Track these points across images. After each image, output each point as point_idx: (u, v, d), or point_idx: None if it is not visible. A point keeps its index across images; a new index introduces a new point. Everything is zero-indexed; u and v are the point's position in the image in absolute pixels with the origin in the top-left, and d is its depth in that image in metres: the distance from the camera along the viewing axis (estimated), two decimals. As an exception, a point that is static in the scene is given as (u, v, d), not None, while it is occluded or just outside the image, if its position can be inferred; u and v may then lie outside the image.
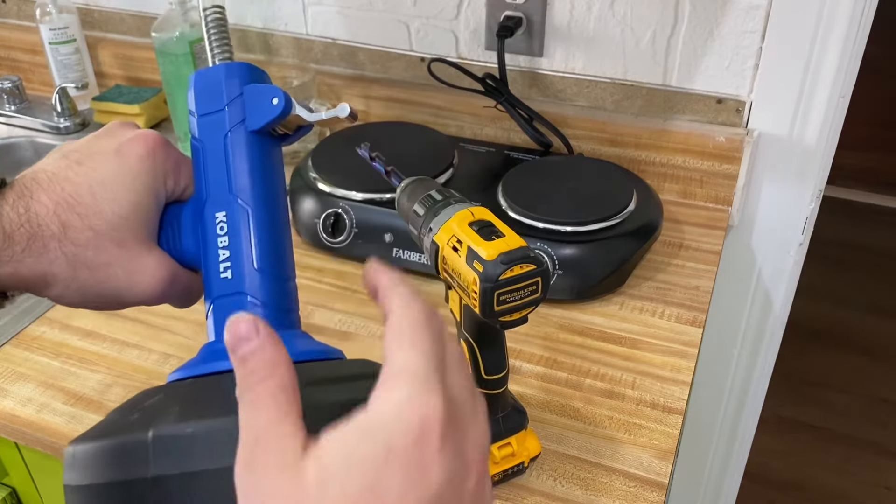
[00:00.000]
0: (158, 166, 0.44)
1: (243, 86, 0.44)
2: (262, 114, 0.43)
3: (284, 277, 0.43)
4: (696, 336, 0.81)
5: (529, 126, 1.02)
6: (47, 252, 0.41)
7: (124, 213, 0.42)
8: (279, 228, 0.44)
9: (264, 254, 0.42)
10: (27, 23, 1.34)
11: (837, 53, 0.89)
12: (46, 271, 0.41)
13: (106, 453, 0.33)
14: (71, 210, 0.41)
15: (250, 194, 0.43)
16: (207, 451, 0.31)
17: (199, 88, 0.44)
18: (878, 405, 2.03)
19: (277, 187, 0.44)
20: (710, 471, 1.29)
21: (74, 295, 0.43)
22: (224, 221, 0.42)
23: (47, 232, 0.41)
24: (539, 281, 0.55)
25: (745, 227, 1.03)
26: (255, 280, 0.42)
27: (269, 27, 1.18)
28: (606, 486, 0.66)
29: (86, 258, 0.42)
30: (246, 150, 0.43)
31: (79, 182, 0.42)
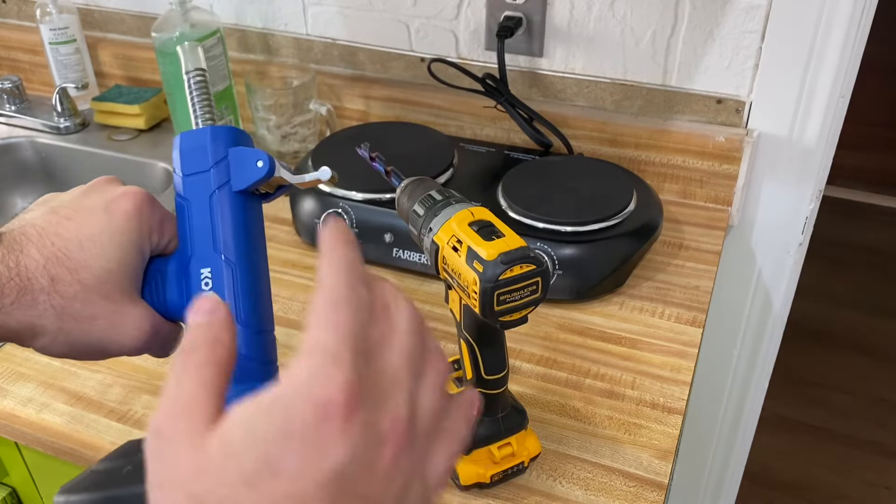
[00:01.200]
0: (144, 223, 0.46)
1: (228, 148, 0.46)
2: (247, 175, 0.45)
3: (266, 330, 0.45)
4: (696, 336, 0.81)
5: (529, 126, 1.02)
6: (36, 305, 0.42)
7: (112, 267, 0.44)
8: (261, 284, 0.46)
9: (247, 308, 0.44)
10: (27, 23, 1.34)
11: (837, 53, 0.89)
12: (35, 323, 0.43)
13: None
14: (60, 264, 0.43)
15: (235, 252, 0.45)
16: None
17: (185, 149, 0.47)
18: (878, 405, 2.03)
19: (259, 244, 0.47)
20: (710, 471, 1.29)
21: (61, 346, 0.44)
22: (209, 277, 0.44)
23: (37, 285, 0.42)
24: (539, 281, 0.55)
25: (744, 227, 1.03)
26: (241, 334, 0.43)
27: (269, 27, 1.18)
28: (606, 486, 0.66)
29: (73, 310, 0.43)
30: (230, 209, 0.45)
31: (68, 237, 0.44)
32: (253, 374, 0.43)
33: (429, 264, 0.60)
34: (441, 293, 0.86)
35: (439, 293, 0.87)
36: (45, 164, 1.23)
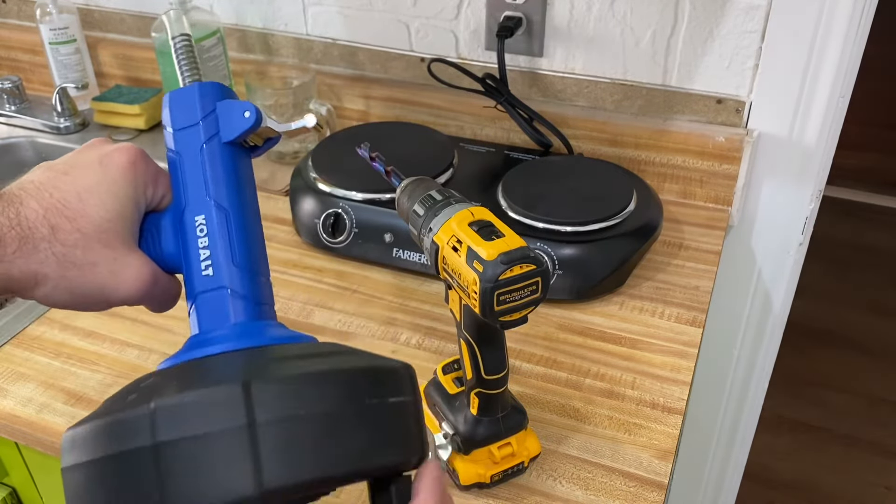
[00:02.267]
0: (139, 176, 0.47)
1: (216, 102, 0.48)
2: (235, 126, 0.47)
3: (261, 273, 0.47)
4: (696, 336, 0.81)
5: (529, 126, 1.02)
6: (37, 252, 0.43)
7: (110, 216, 0.45)
8: (254, 229, 0.48)
9: (243, 251, 0.46)
10: (27, 23, 1.34)
11: (837, 53, 0.89)
12: (37, 271, 0.43)
13: (106, 429, 0.35)
14: (59, 214, 0.44)
15: (227, 198, 0.47)
16: (207, 415, 0.34)
17: (175, 105, 0.49)
18: (878, 405, 2.03)
19: (250, 193, 0.49)
20: (710, 471, 1.29)
21: (62, 294, 0.45)
22: (204, 224, 0.46)
23: (37, 234, 0.43)
24: (539, 281, 0.55)
25: (744, 227, 1.03)
26: (235, 275, 0.45)
27: (269, 27, 1.18)
28: (606, 486, 0.66)
29: (74, 257, 0.44)
30: (220, 158, 0.47)
31: (66, 189, 0.45)
32: (248, 314, 0.45)
33: (429, 264, 0.60)
34: (441, 293, 0.86)
35: (439, 293, 0.87)
36: (45, 164, 1.23)
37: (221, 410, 0.34)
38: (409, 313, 0.84)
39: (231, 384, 0.34)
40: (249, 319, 0.45)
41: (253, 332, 0.44)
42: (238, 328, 0.44)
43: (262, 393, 0.34)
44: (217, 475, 0.33)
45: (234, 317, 0.44)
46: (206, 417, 0.34)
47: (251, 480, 0.33)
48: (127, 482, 0.34)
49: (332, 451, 0.35)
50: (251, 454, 0.33)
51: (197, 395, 0.35)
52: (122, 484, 0.34)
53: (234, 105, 0.48)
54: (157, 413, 0.34)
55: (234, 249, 0.46)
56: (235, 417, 0.34)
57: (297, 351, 0.41)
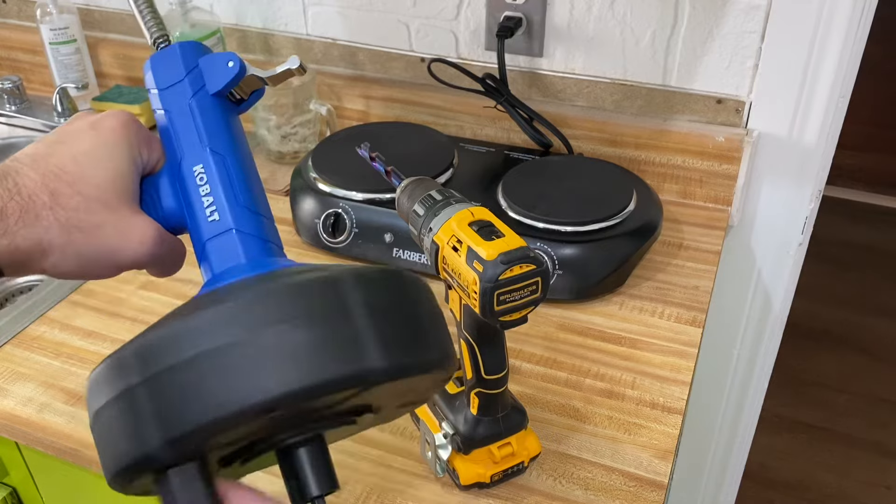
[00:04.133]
0: (132, 137, 0.47)
1: (197, 59, 0.49)
2: (221, 76, 0.48)
3: (265, 214, 0.47)
4: (696, 336, 0.81)
5: (529, 126, 1.02)
6: (40, 220, 0.43)
7: (108, 176, 0.45)
8: (252, 171, 0.48)
9: (244, 192, 0.46)
10: (27, 23, 1.34)
11: (837, 53, 0.89)
12: (42, 238, 0.43)
13: (100, 378, 0.36)
14: (58, 179, 0.44)
15: (221, 144, 0.47)
16: (186, 343, 0.34)
17: (157, 67, 0.49)
18: (878, 405, 2.03)
19: (244, 141, 0.49)
20: (710, 471, 1.29)
21: (71, 260, 0.44)
22: (203, 172, 0.46)
23: (38, 201, 0.43)
24: (539, 281, 0.55)
25: (744, 227, 1.03)
26: (241, 215, 0.46)
27: (269, 27, 1.18)
28: (606, 486, 0.66)
29: (78, 221, 0.44)
30: (210, 109, 0.48)
31: (62, 155, 0.45)
32: (259, 250, 0.45)
33: (429, 264, 0.60)
34: (441, 293, 0.86)
35: (439, 293, 0.87)
36: (45, 164, 1.23)
37: (200, 335, 0.34)
38: (409, 313, 0.84)
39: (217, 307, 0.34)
40: (261, 255, 0.45)
41: (267, 264, 0.45)
42: (252, 262, 0.44)
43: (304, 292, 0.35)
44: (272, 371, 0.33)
45: (246, 254, 0.45)
46: (184, 346, 0.34)
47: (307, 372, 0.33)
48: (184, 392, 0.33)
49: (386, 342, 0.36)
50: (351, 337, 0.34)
51: (175, 326, 0.35)
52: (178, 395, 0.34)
53: (217, 57, 0.49)
54: (137, 352, 0.34)
55: (235, 191, 0.46)
56: (325, 306, 0.34)
57: (315, 267, 0.40)
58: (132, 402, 0.34)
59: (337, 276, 0.36)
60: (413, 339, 0.37)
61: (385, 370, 0.34)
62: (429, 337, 0.38)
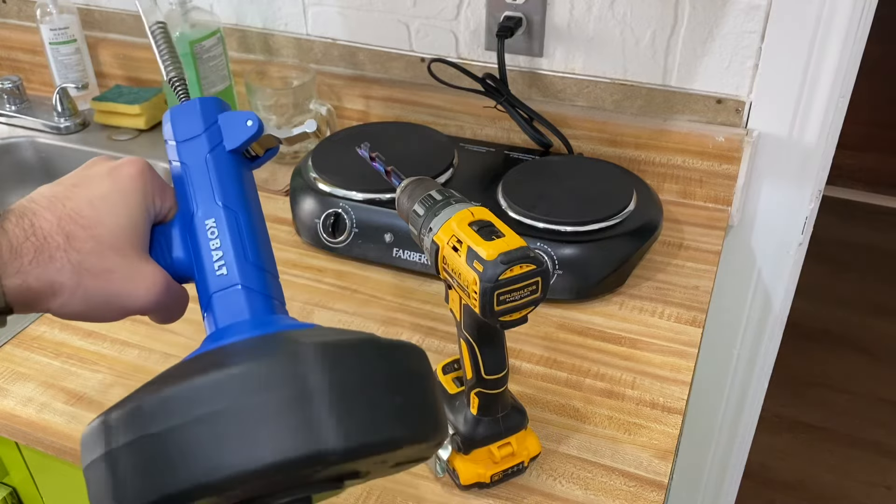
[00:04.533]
0: (148, 186, 0.48)
1: (216, 115, 0.51)
2: (239, 134, 0.50)
3: (268, 270, 0.48)
4: (696, 336, 0.81)
5: (529, 126, 1.02)
6: (53, 262, 0.43)
7: (122, 223, 0.46)
8: (262, 229, 0.49)
9: (253, 248, 0.48)
10: (27, 23, 1.34)
11: (837, 53, 0.89)
12: (53, 280, 0.43)
13: (88, 437, 0.37)
14: (73, 222, 0.45)
15: (235, 200, 0.48)
16: (254, 386, 0.35)
17: (177, 120, 0.51)
18: (878, 405, 2.03)
19: (256, 198, 0.51)
20: (710, 471, 1.29)
21: (79, 302, 0.45)
22: (214, 227, 0.47)
23: (52, 243, 0.44)
24: (539, 281, 0.55)
25: (744, 227, 1.03)
26: (248, 271, 0.47)
27: (269, 27, 1.18)
28: (606, 486, 0.66)
29: (90, 265, 0.44)
30: (225, 165, 0.49)
31: (78, 199, 0.46)
32: (263, 308, 0.46)
33: (429, 264, 0.60)
34: (441, 293, 0.86)
35: (439, 293, 0.87)
36: (45, 164, 1.23)
37: (278, 377, 0.35)
38: (409, 313, 0.84)
39: (282, 354, 0.36)
40: (264, 313, 0.46)
41: (270, 322, 0.45)
42: (256, 320, 0.45)
43: (314, 358, 0.36)
44: (267, 439, 0.34)
45: (251, 311, 0.45)
46: (258, 385, 0.34)
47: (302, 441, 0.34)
48: (177, 455, 0.34)
49: (378, 414, 0.36)
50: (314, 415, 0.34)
51: (235, 369, 0.35)
52: (173, 457, 0.34)
53: (236, 115, 0.50)
54: (199, 388, 0.35)
55: (245, 248, 0.47)
56: (294, 382, 0.35)
57: (317, 332, 0.41)
58: (114, 464, 0.36)
59: (303, 354, 0.36)
60: (383, 416, 0.36)
61: (344, 451, 0.34)
62: (404, 412, 0.38)
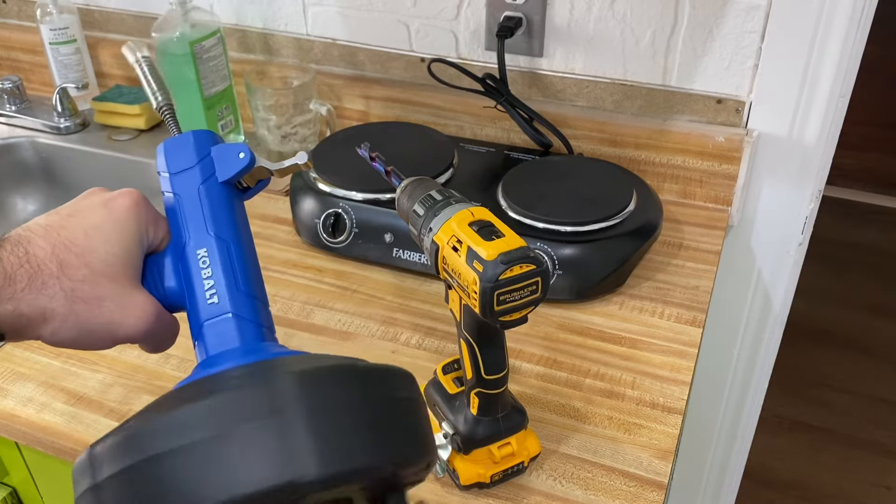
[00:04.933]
0: (142, 216, 0.49)
1: (208, 147, 0.52)
2: (231, 166, 0.51)
3: (259, 298, 0.49)
4: (696, 336, 0.81)
5: (529, 126, 1.02)
6: (46, 288, 0.44)
7: (116, 251, 0.47)
8: (252, 258, 0.50)
9: (245, 277, 0.48)
10: (27, 23, 1.34)
11: (837, 53, 0.89)
12: (46, 307, 0.44)
13: (77, 470, 0.37)
14: (67, 251, 0.45)
15: (226, 230, 0.49)
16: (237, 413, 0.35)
17: (170, 152, 0.52)
18: (878, 405, 2.03)
19: (246, 228, 0.51)
20: (710, 471, 1.29)
21: (70, 330, 0.45)
22: (206, 256, 0.48)
23: (46, 271, 0.44)
24: (539, 281, 0.55)
25: (744, 227, 1.03)
26: (240, 300, 0.47)
27: (269, 27, 1.18)
28: (606, 486, 0.66)
29: (82, 293, 0.45)
30: (217, 196, 0.50)
31: (73, 228, 0.47)
32: (254, 336, 0.47)
33: (429, 264, 0.60)
34: (441, 293, 0.86)
35: (439, 293, 0.87)
36: (45, 164, 1.23)
37: (257, 407, 0.35)
38: (409, 313, 0.84)
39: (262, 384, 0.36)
40: (255, 341, 0.46)
41: (260, 349, 0.46)
42: (246, 347, 0.46)
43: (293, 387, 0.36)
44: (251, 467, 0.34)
45: (241, 339, 0.46)
46: (236, 415, 0.35)
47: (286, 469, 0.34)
48: (158, 486, 0.34)
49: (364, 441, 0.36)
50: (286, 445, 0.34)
51: (224, 396, 0.36)
52: (154, 489, 0.34)
53: (228, 148, 0.51)
54: (188, 416, 0.35)
55: (236, 276, 0.48)
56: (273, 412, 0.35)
57: (305, 358, 0.41)
58: (99, 496, 0.36)
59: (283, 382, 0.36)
60: (361, 443, 0.36)
61: (321, 479, 0.35)
62: (385, 438, 0.38)
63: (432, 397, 0.68)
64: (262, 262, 0.91)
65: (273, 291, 0.87)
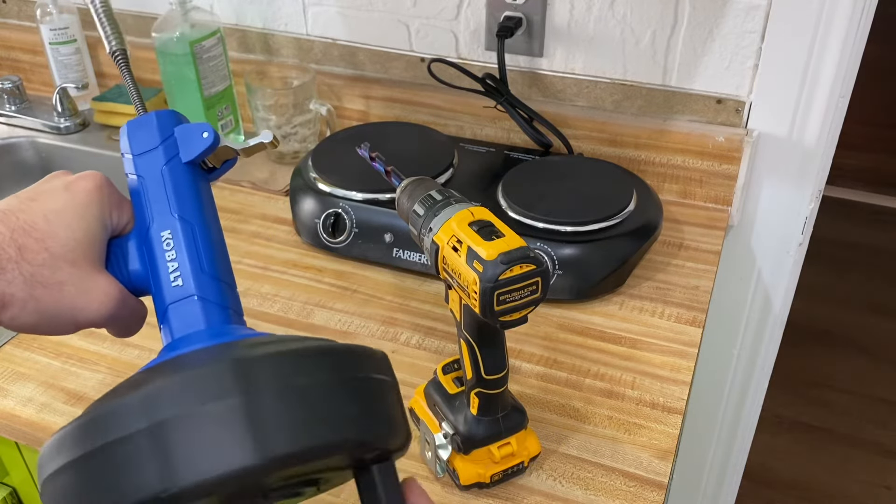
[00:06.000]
0: (105, 200, 0.48)
1: (172, 128, 0.51)
2: (195, 146, 0.50)
3: (225, 281, 0.48)
4: (696, 336, 0.81)
5: (529, 126, 1.02)
6: (4, 273, 0.43)
7: (77, 236, 0.46)
8: (218, 240, 0.49)
9: (209, 259, 0.47)
10: (27, 23, 1.34)
11: (837, 53, 0.89)
12: (4, 291, 0.43)
13: (43, 456, 0.37)
14: (27, 235, 0.44)
15: (190, 211, 0.48)
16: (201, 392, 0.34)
17: (133, 133, 0.51)
18: (878, 405, 2.03)
19: (212, 209, 0.51)
20: (710, 471, 1.29)
21: (30, 315, 0.45)
22: (170, 238, 0.47)
23: (4, 255, 0.43)
24: (539, 281, 0.55)
25: (744, 227, 1.03)
26: (204, 282, 0.46)
27: (269, 27, 1.18)
28: (606, 486, 0.66)
29: (42, 277, 0.44)
30: (181, 176, 0.49)
31: (33, 212, 0.46)
32: (219, 318, 0.46)
33: (429, 264, 0.60)
34: (441, 293, 0.86)
35: (439, 293, 0.87)
36: (45, 164, 1.23)
37: (214, 387, 0.34)
38: (409, 313, 0.84)
39: (220, 362, 0.35)
40: (220, 323, 0.46)
41: (225, 332, 0.45)
42: (211, 330, 0.45)
43: (250, 368, 0.35)
44: (217, 448, 0.33)
45: (206, 321, 0.45)
46: (200, 395, 0.34)
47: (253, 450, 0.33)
48: (124, 468, 0.34)
49: (329, 418, 0.36)
50: (250, 425, 0.34)
51: (187, 376, 0.35)
52: (118, 471, 0.34)
53: (192, 128, 0.50)
54: (149, 397, 0.34)
55: (201, 258, 0.47)
56: (230, 392, 0.34)
57: (273, 339, 0.41)
58: (61, 482, 0.35)
59: (249, 362, 0.36)
60: (330, 421, 0.36)
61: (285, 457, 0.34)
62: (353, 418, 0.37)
63: (432, 397, 0.68)
64: (263, 262, 0.92)
65: (273, 291, 0.87)
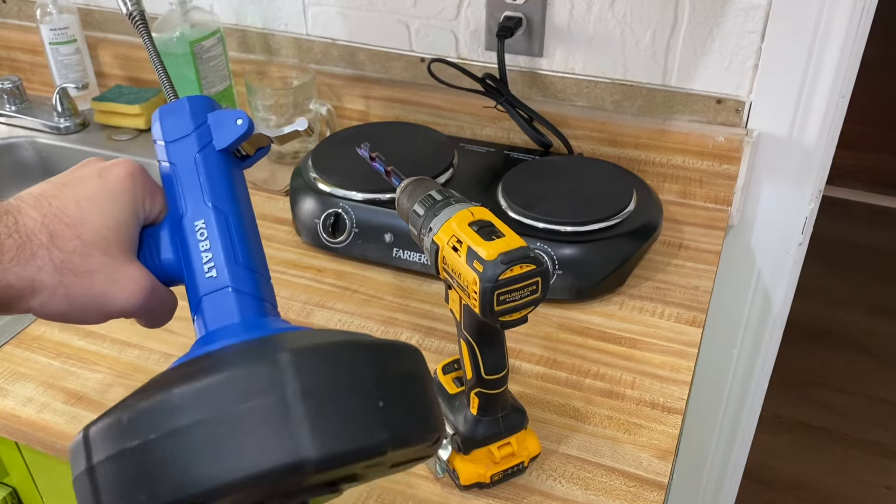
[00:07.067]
0: (138, 187, 0.48)
1: (206, 114, 0.50)
2: (228, 133, 0.49)
3: (259, 272, 0.47)
4: (696, 336, 0.81)
5: (529, 126, 1.02)
6: (35, 259, 0.43)
7: (109, 223, 0.45)
8: (253, 231, 0.49)
9: (244, 250, 0.47)
10: (27, 23, 1.34)
11: (837, 53, 0.89)
12: (34, 278, 0.43)
13: (72, 452, 0.37)
14: (58, 221, 0.44)
15: (224, 201, 0.47)
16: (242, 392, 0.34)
17: (166, 119, 0.50)
18: (878, 405, 2.03)
19: (246, 198, 0.50)
20: (710, 471, 1.29)
21: (60, 302, 0.44)
22: (204, 228, 0.47)
23: (35, 241, 0.43)
24: (539, 281, 0.55)
25: (744, 227, 1.03)
26: (239, 273, 0.46)
27: (269, 27, 1.18)
28: (606, 486, 0.66)
29: (73, 264, 0.44)
30: (215, 165, 0.48)
31: (65, 198, 0.45)
32: (254, 310, 0.46)
33: (429, 264, 0.60)
34: (441, 293, 0.86)
35: (439, 293, 0.87)
36: (45, 164, 1.23)
37: (255, 387, 0.34)
38: (409, 313, 0.84)
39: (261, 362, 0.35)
40: (255, 316, 0.45)
41: (261, 325, 0.45)
42: (246, 323, 0.45)
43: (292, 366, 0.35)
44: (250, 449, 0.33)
45: (241, 314, 0.45)
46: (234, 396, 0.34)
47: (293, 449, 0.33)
48: (153, 469, 0.34)
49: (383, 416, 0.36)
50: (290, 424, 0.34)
51: (221, 376, 0.35)
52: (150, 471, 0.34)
53: (226, 114, 0.49)
54: (182, 397, 0.34)
55: (235, 249, 0.46)
56: (271, 391, 0.34)
57: (310, 334, 0.41)
58: (95, 479, 0.35)
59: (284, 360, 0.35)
60: (364, 422, 0.36)
61: (320, 460, 0.34)
62: (390, 416, 0.37)
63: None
64: (262, 262, 0.92)
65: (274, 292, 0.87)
